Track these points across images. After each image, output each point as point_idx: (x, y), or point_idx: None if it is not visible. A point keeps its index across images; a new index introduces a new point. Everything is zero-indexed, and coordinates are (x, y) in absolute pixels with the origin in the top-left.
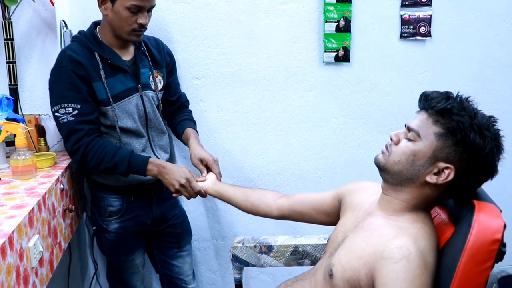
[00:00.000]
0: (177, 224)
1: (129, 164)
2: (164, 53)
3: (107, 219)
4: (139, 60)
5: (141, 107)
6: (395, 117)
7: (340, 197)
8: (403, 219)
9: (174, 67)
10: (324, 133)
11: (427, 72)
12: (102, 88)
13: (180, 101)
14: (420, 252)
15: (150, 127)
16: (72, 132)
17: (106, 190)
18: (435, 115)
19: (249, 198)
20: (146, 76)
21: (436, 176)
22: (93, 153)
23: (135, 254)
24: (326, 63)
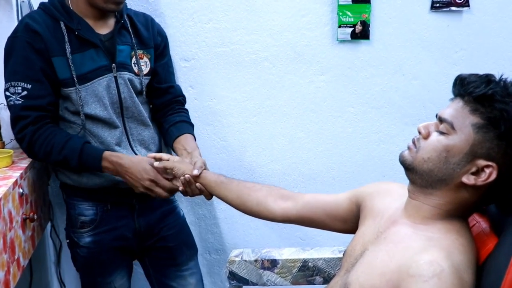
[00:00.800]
0: (169, 237)
1: (80, 158)
2: (154, 32)
3: (79, 231)
4: (117, 35)
5: (114, 91)
6: (424, 105)
7: (359, 200)
8: (434, 228)
9: (166, 50)
10: (339, 125)
11: (464, 51)
12: (65, 65)
13: (173, 94)
14: (454, 269)
15: (126, 117)
16: (18, 118)
17: (76, 196)
18: (473, 103)
19: (246, 203)
20: (125, 54)
21: (474, 176)
22: (40, 143)
23: (113, 275)
24: (340, 41)
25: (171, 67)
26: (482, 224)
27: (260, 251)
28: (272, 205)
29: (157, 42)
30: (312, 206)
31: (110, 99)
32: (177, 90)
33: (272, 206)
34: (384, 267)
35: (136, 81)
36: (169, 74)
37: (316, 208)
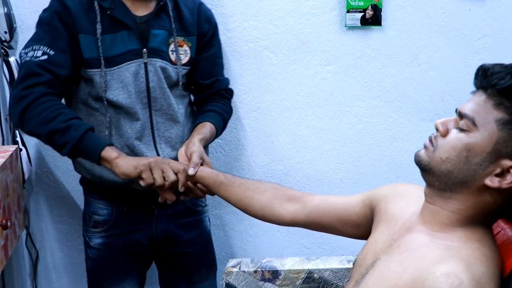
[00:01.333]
0: (189, 254)
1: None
2: (201, 18)
3: (91, 231)
4: (154, 18)
5: (142, 79)
6: (443, 98)
7: (373, 203)
8: (453, 237)
9: (213, 39)
10: (347, 121)
11: (488, 37)
12: (93, 45)
13: (216, 87)
14: (475, 282)
15: (154, 109)
16: (29, 75)
17: (92, 192)
18: (498, 96)
19: (249, 208)
20: (159, 39)
21: (498, 178)
22: (42, 108)
23: (121, 284)
24: (349, 27)
25: (219, 58)
26: (508, 231)
27: (260, 260)
28: (279, 209)
29: (203, 30)
30: (322, 210)
31: (136, 87)
32: (222, 83)
33: (278, 210)
34: (397, 279)
35: (171, 70)
36: (215, 67)
37: (327, 212)
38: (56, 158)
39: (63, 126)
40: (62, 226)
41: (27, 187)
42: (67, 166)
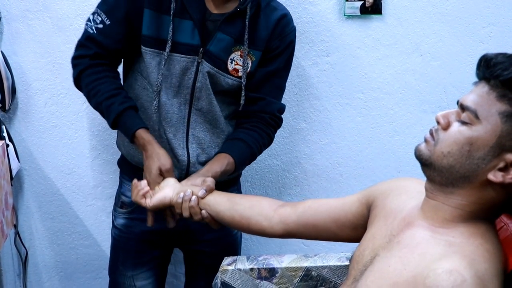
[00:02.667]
0: (209, 254)
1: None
2: (275, 33)
3: (118, 210)
4: (224, 21)
5: (190, 75)
6: (446, 90)
7: (370, 200)
8: (455, 232)
9: (280, 57)
10: (347, 114)
11: (492, 26)
12: (155, 23)
13: (260, 107)
14: (478, 278)
15: (195, 108)
16: (81, 45)
17: (125, 173)
18: (501, 88)
19: (235, 205)
20: (221, 46)
21: (502, 172)
22: (88, 81)
23: (136, 270)
24: (348, 16)
25: (278, 78)
26: (511, 226)
27: (257, 258)
28: (267, 210)
29: (271, 46)
30: (315, 210)
31: (182, 81)
32: (269, 106)
33: (267, 210)
34: (397, 276)
35: (221, 79)
36: (268, 84)
37: (320, 212)
38: (44, 154)
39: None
40: (52, 224)
41: (15, 184)
42: (56, 161)
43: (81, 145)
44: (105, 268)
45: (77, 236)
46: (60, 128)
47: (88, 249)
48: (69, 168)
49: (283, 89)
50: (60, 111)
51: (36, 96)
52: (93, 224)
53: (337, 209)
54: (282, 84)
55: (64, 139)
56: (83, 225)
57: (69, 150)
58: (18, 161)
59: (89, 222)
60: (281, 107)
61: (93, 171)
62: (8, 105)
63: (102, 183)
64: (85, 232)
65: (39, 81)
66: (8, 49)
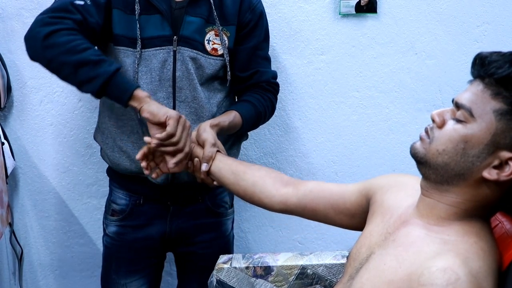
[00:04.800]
0: (202, 255)
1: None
2: (243, 6)
3: (109, 218)
4: (190, 4)
5: (169, 67)
6: (441, 88)
7: (369, 194)
8: (450, 230)
9: (257, 30)
10: (342, 112)
11: (487, 25)
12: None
13: (256, 79)
14: (472, 277)
15: (179, 100)
16: (61, 9)
17: (114, 181)
18: (495, 86)
19: (239, 181)
20: (193, 27)
21: (497, 170)
22: (71, 38)
23: (129, 278)
24: (343, 15)
25: (261, 50)
26: (506, 224)
27: (252, 256)
28: (270, 188)
29: (244, 20)
30: (316, 195)
31: (162, 75)
32: (263, 75)
33: (269, 189)
34: (392, 274)
35: (203, 60)
36: (255, 58)
37: (321, 198)
38: (40, 152)
39: (96, 58)
40: (47, 222)
41: (10, 183)
42: (51, 159)
43: (77, 143)
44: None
45: (72, 235)
46: (55, 126)
47: (83, 248)
48: (65, 166)
49: (269, 59)
50: (55, 109)
51: (32, 94)
52: (88, 223)
53: (337, 196)
54: (266, 54)
55: (59, 137)
56: (78, 223)
57: (64, 148)
58: (13, 159)
59: (84, 220)
60: (274, 73)
61: (88, 169)
62: (3, 103)
63: (98, 181)
64: (80, 230)
65: (34, 79)
66: (3, 47)
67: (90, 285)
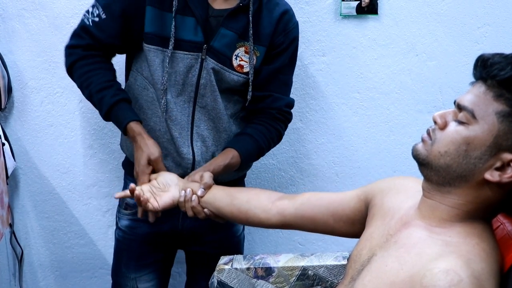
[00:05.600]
0: (212, 255)
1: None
2: (279, 29)
3: (122, 211)
4: (227, 17)
5: (194, 73)
6: (441, 90)
7: (368, 198)
8: (452, 232)
9: (285, 54)
10: (343, 114)
11: (488, 26)
12: (158, 20)
13: (267, 104)
14: (474, 278)
15: (199, 106)
16: (75, 34)
17: (129, 174)
18: (498, 88)
19: (234, 200)
20: (225, 41)
21: (499, 172)
22: (80, 73)
23: (139, 272)
24: (344, 16)
25: (284, 74)
26: (508, 226)
27: (253, 257)
28: (266, 202)
29: (276, 42)
30: (314, 203)
31: (186, 79)
32: (277, 101)
33: (265, 203)
34: (394, 276)
35: (227, 75)
36: (274, 81)
37: (319, 206)
38: (40, 152)
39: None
40: (47, 223)
41: (10, 183)
42: (52, 160)
43: (77, 144)
44: (100, 267)
45: (73, 235)
46: (56, 127)
47: (83, 248)
48: (65, 167)
49: (289, 85)
50: (56, 110)
51: (32, 95)
52: (88, 223)
53: (336, 203)
54: (288, 80)
55: (60, 138)
56: (79, 224)
57: (65, 149)
58: (13, 160)
59: (84, 221)
60: (289, 101)
61: (88, 170)
62: (4, 104)
63: (98, 182)
64: (81, 231)
65: (35, 80)
66: (4, 48)
67: (90, 286)
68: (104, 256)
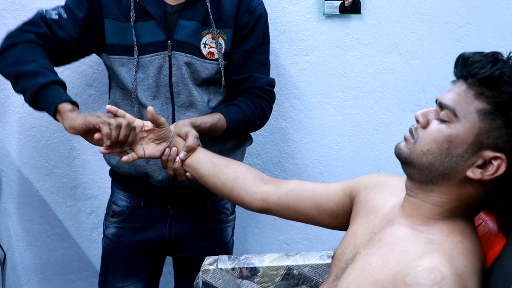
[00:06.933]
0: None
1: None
2: (241, 9)
3: (109, 219)
4: (186, 8)
5: (165, 72)
6: (424, 88)
7: (353, 193)
8: (435, 230)
9: (254, 33)
10: (326, 113)
11: (469, 25)
12: (118, 31)
13: (249, 84)
14: (457, 276)
15: (177, 105)
16: (30, 23)
17: (116, 182)
18: (478, 86)
19: (220, 174)
20: (187, 32)
21: (480, 169)
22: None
23: (126, 281)
24: (327, 16)
25: (259, 54)
26: (489, 223)
27: (238, 258)
28: (251, 185)
29: (241, 22)
30: (298, 193)
31: (159, 81)
32: (258, 81)
33: (250, 185)
34: (378, 274)
35: (199, 65)
36: (251, 62)
37: (303, 196)
38: (23, 154)
39: (33, 70)
40: (30, 225)
41: None
42: (34, 162)
43: (60, 146)
44: (85, 269)
45: (56, 238)
46: (38, 129)
47: (67, 251)
48: (48, 169)
49: (267, 64)
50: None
51: (14, 96)
52: (72, 226)
53: (321, 196)
54: (265, 59)
55: (42, 140)
56: (62, 227)
57: (47, 151)
58: None
59: (68, 223)
60: (270, 80)
61: (72, 172)
62: None
63: (82, 184)
64: (65, 234)
65: None
66: None
67: None
68: (89, 258)
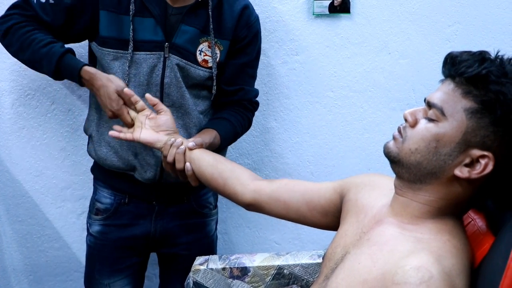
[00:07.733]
0: (185, 257)
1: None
2: (241, 23)
3: (92, 217)
4: (188, 13)
5: (158, 72)
6: (414, 87)
7: (344, 192)
8: (423, 228)
9: (249, 48)
10: (317, 112)
11: (458, 24)
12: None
13: (240, 96)
14: (445, 274)
15: (165, 104)
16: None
17: (99, 179)
18: (466, 85)
19: (219, 164)
20: (186, 37)
21: (468, 168)
22: (19, 34)
23: (112, 278)
24: (317, 15)
25: (250, 68)
26: (478, 221)
27: (229, 257)
28: (246, 178)
29: (239, 36)
30: (291, 188)
31: (151, 79)
32: (248, 93)
33: (245, 178)
34: (367, 274)
35: (192, 71)
36: (242, 76)
37: (295, 191)
38: (12, 155)
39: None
40: (20, 226)
41: None
42: (24, 163)
43: (50, 147)
44: (75, 270)
45: (47, 239)
46: (28, 130)
47: (58, 252)
48: (38, 170)
49: (255, 77)
50: (27, 112)
51: (3, 97)
52: (62, 227)
53: (312, 192)
54: (254, 73)
55: (32, 141)
56: (53, 228)
57: (37, 152)
58: None
59: (58, 224)
60: (256, 92)
61: (62, 172)
62: None
63: (72, 185)
64: (55, 235)
65: (5, 81)
66: None
67: None
68: (79, 259)
